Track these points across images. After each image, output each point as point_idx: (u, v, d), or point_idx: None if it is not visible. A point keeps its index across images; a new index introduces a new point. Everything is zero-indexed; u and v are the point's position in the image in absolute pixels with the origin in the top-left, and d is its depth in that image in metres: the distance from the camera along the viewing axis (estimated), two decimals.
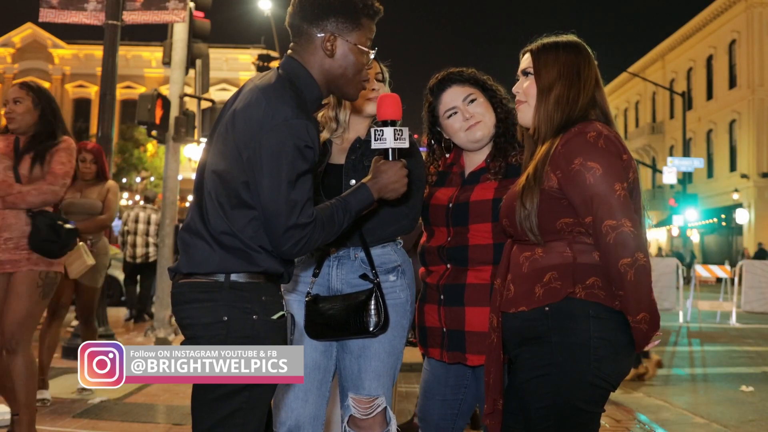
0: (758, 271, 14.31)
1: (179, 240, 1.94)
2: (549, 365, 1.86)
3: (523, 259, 1.95)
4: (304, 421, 2.43)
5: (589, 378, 1.85)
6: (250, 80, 1.98)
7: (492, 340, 2.04)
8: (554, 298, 1.87)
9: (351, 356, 2.43)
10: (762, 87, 30.86)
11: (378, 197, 2.02)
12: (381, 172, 2.04)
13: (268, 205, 1.79)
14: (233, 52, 32.60)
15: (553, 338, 1.86)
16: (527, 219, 1.90)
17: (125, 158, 27.80)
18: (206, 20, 9.27)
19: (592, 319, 1.85)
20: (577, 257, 1.89)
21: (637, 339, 1.88)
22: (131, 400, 4.95)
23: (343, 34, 1.92)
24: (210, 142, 1.96)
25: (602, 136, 1.90)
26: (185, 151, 12.28)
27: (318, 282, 2.46)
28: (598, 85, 2.04)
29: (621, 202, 1.85)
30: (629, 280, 1.82)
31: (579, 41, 2.07)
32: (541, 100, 2.00)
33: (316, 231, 1.84)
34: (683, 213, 28.94)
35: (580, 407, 1.87)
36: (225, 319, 1.82)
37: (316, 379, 2.45)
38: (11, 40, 34.09)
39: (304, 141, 1.78)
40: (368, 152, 2.51)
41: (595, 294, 1.87)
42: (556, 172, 1.90)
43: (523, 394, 1.93)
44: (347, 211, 1.94)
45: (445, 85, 2.53)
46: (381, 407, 2.41)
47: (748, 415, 5.37)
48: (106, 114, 7.05)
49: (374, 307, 2.34)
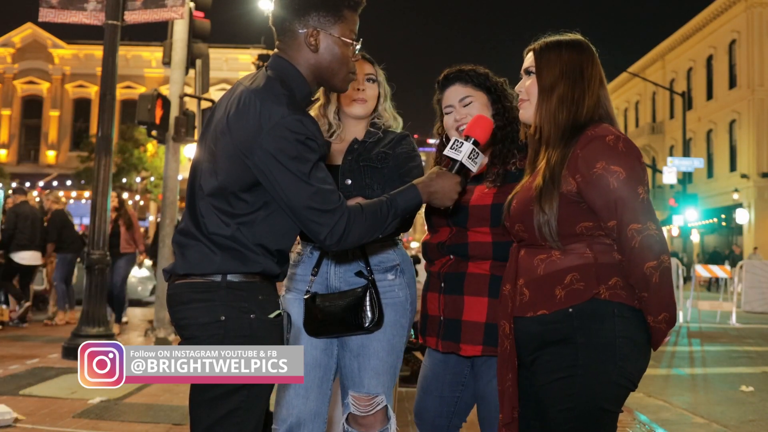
0: (758, 271, 14.32)
1: (174, 243, 1.93)
2: (573, 366, 1.84)
3: (538, 262, 1.93)
4: (304, 418, 2.43)
5: (614, 378, 1.84)
6: (238, 82, 1.98)
7: (505, 347, 2.01)
8: (579, 299, 1.85)
9: (350, 354, 2.44)
10: (762, 87, 30.84)
11: (427, 200, 2.04)
12: (438, 177, 2.06)
13: (292, 202, 1.80)
14: (233, 52, 32.55)
15: (578, 339, 1.84)
16: (546, 224, 1.89)
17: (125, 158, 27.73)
18: (206, 20, 9.28)
19: (617, 319, 1.85)
20: (598, 257, 1.88)
21: (656, 338, 1.89)
22: (131, 400, 4.95)
23: (325, 27, 1.92)
24: (202, 144, 1.96)
25: (621, 139, 1.89)
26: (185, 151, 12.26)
27: (317, 280, 2.48)
28: (603, 84, 2.03)
29: (645, 206, 1.85)
30: (655, 282, 1.82)
31: (583, 40, 2.05)
32: (543, 99, 1.99)
33: (353, 218, 1.85)
34: (683, 213, 28.92)
35: (604, 407, 1.86)
36: (222, 318, 1.82)
37: (316, 377, 2.46)
38: (11, 40, 34.02)
39: (305, 134, 1.79)
40: (364, 153, 2.52)
41: (618, 294, 1.86)
42: (575, 176, 1.89)
43: (543, 397, 1.90)
44: (392, 208, 1.95)
45: (448, 81, 2.54)
46: (381, 405, 2.42)
47: (748, 415, 5.37)
48: (106, 114, 7.05)
49: (369, 304, 2.37)
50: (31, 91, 34.14)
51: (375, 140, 2.56)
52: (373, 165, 2.49)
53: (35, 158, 33.85)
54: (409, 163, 2.52)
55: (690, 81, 36.45)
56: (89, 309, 6.80)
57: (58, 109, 33.88)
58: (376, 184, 2.46)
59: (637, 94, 42.78)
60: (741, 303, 13.79)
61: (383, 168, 2.49)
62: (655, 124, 39.86)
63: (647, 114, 41.52)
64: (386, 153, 2.52)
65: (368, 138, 2.56)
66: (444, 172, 2.09)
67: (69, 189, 29.65)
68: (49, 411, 4.52)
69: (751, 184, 30.50)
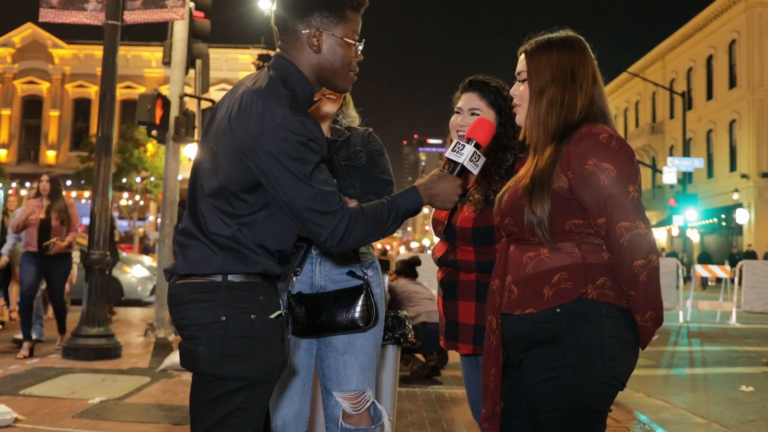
0: (758, 271, 14.32)
1: (174, 243, 1.93)
2: (562, 367, 1.84)
3: (527, 260, 1.93)
4: (288, 419, 2.46)
5: (603, 378, 1.84)
6: (240, 82, 1.98)
7: (491, 342, 2.01)
8: (566, 299, 1.85)
9: (335, 353, 2.45)
10: (762, 87, 30.85)
11: (428, 202, 2.05)
12: (439, 179, 2.06)
13: (293, 204, 1.80)
14: (233, 52, 32.58)
15: (566, 339, 1.84)
16: (539, 225, 1.89)
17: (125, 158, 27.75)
18: (206, 20, 9.28)
19: (605, 319, 1.85)
20: (587, 257, 1.88)
21: (643, 337, 1.89)
22: (131, 400, 4.95)
23: (328, 28, 1.92)
24: (203, 144, 1.96)
25: (614, 137, 1.89)
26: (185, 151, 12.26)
27: (300, 279, 2.49)
28: (596, 82, 2.00)
29: (635, 204, 1.85)
30: (642, 280, 1.83)
31: (574, 36, 2.03)
32: (533, 103, 1.99)
33: (353, 220, 1.85)
34: (683, 213, 28.93)
35: (593, 407, 1.86)
36: (223, 319, 1.82)
37: (299, 377, 2.48)
38: (11, 40, 34.05)
39: (306, 135, 1.79)
40: (339, 152, 2.55)
41: (606, 294, 1.86)
42: (567, 173, 1.89)
43: (532, 398, 1.90)
44: (393, 210, 1.95)
45: (470, 87, 2.60)
46: (369, 401, 2.46)
47: (748, 415, 5.37)
48: (106, 114, 7.05)
49: (365, 303, 2.39)
50: (31, 91, 34.17)
51: (344, 139, 2.60)
52: (352, 164, 2.54)
53: (35, 158, 33.88)
54: (380, 158, 2.60)
55: (690, 81, 36.47)
56: (89, 309, 6.80)
57: (58, 109, 33.91)
58: (357, 183, 2.52)
59: (637, 94, 42.79)
60: (741, 303, 13.79)
61: (360, 166, 2.55)
62: (655, 124, 39.87)
63: (647, 114, 41.53)
64: (361, 151, 2.58)
65: (337, 136, 2.60)
66: (445, 174, 2.08)
67: (69, 189, 29.68)
68: (49, 411, 4.52)
69: (751, 184, 30.51)
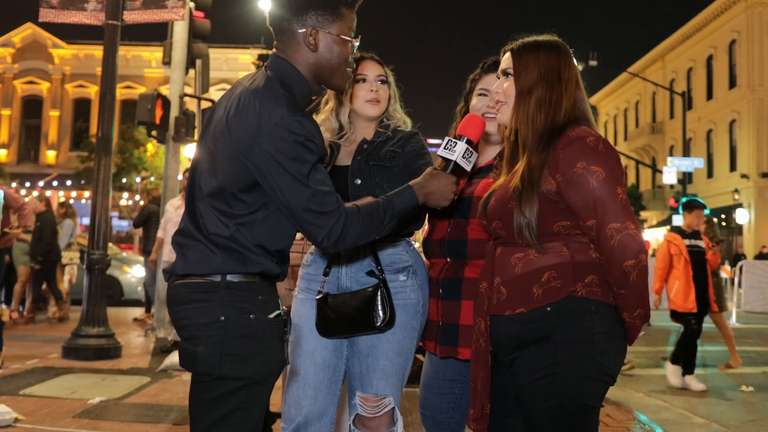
0: (758, 271, 14.33)
1: (173, 243, 1.93)
2: (554, 365, 1.87)
3: (515, 261, 1.95)
4: (312, 417, 2.44)
5: (594, 374, 1.87)
6: (238, 82, 1.98)
7: (480, 344, 2.03)
8: (556, 297, 1.88)
9: (360, 355, 2.44)
10: (762, 87, 30.85)
11: (423, 202, 2.04)
12: (433, 178, 2.06)
13: (290, 204, 1.81)
14: (233, 52, 32.54)
15: (557, 337, 1.87)
16: (527, 226, 1.91)
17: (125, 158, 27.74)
18: (206, 20, 9.27)
19: (595, 316, 1.88)
20: (575, 256, 1.91)
21: (631, 333, 1.94)
22: (131, 400, 4.95)
23: (324, 26, 1.93)
24: (201, 145, 1.96)
25: (601, 140, 1.93)
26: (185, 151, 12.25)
27: (329, 280, 2.49)
28: (579, 86, 2.04)
29: (623, 205, 1.89)
30: (632, 280, 1.86)
31: (559, 41, 2.07)
32: (521, 101, 2.01)
33: (349, 220, 1.85)
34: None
35: (586, 403, 1.89)
36: (222, 318, 1.82)
37: (325, 377, 2.46)
38: (11, 40, 34.01)
39: (304, 135, 1.79)
40: (373, 153, 2.52)
41: (594, 291, 1.90)
42: (555, 176, 1.91)
43: (525, 397, 1.92)
44: (389, 209, 1.95)
45: (493, 68, 2.52)
46: (389, 407, 2.41)
47: (748, 415, 5.38)
48: (106, 114, 7.05)
49: (380, 303, 2.36)
50: (31, 91, 34.14)
51: (383, 139, 2.56)
52: (383, 164, 2.50)
53: (35, 158, 33.86)
54: (418, 160, 2.51)
55: (690, 81, 36.46)
56: (89, 309, 6.80)
57: (58, 109, 33.89)
58: (386, 183, 2.46)
59: (637, 94, 42.78)
60: (741, 303, 13.79)
61: (393, 167, 2.50)
62: (655, 124, 39.86)
63: (647, 114, 41.52)
64: (396, 151, 2.52)
65: (377, 138, 2.57)
66: (438, 172, 2.08)
67: (69, 189, 29.67)
68: (49, 411, 4.52)
69: (751, 184, 30.50)
